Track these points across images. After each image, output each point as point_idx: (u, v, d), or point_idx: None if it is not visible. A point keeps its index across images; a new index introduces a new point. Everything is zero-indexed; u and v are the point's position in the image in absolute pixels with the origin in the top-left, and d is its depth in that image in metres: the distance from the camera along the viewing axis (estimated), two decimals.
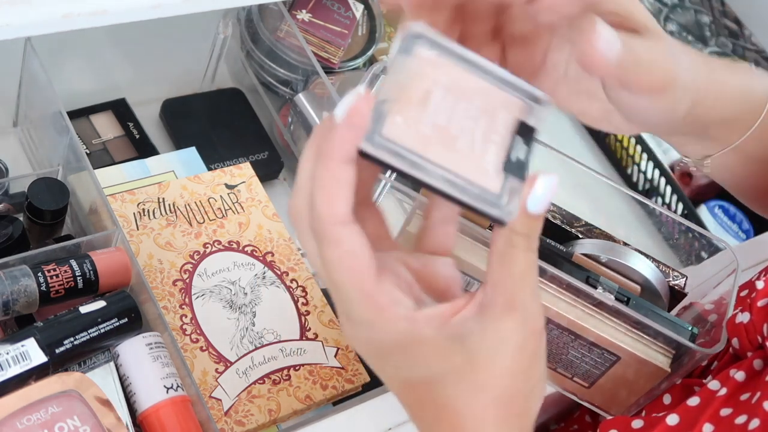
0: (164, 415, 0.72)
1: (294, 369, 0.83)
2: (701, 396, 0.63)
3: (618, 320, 0.66)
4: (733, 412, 0.60)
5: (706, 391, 0.63)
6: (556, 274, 0.64)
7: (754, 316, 0.64)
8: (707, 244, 0.76)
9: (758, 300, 0.64)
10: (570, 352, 0.67)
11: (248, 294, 0.85)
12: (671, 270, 0.72)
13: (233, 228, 0.88)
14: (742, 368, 0.63)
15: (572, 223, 0.72)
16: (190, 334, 0.81)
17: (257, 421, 0.79)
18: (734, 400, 0.61)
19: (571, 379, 0.70)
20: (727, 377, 0.63)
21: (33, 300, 0.72)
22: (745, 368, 0.62)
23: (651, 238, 1.11)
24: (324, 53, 1.01)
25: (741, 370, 0.62)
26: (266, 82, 1.03)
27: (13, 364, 0.67)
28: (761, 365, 0.63)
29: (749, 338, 0.64)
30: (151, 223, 0.85)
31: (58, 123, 0.82)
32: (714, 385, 0.63)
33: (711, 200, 1.22)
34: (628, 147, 1.21)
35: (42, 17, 0.74)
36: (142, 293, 0.77)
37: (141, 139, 0.98)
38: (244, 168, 0.93)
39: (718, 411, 0.61)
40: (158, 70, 1.03)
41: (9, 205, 0.82)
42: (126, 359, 0.73)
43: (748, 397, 0.60)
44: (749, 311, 0.65)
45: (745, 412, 0.59)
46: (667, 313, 0.68)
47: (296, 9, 1.01)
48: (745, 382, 0.62)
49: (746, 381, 0.62)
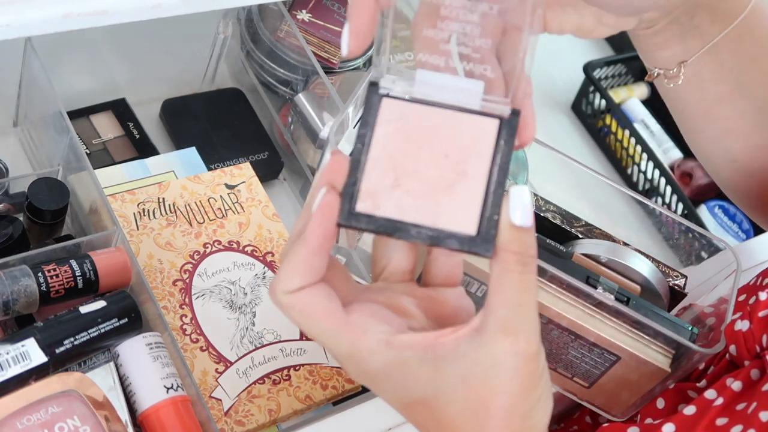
0: (164, 415, 0.72)
1: (294, 369, 0.83)
2: (697, 405, 0.63)
3: (618, 320, 0.66)
4: (728, 421, 0.60)
5: (703, 401, 0.63)
6: (556, 274, 0.64)
7: (754, 325, 0.64)
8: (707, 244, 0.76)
9: (759, 310, 0.64)
10: (570, 352, 0.67)
11: (248, 294, 0.85)
12: (671, 270, 0.72)
13: (233, 228, 0.88)
14: (739, 377, 0.62)
15: (572, 223, 0.72)
16: (190, 334, 0.81)
17: (257, 421, 0.79)
18: (730, 410, 0.61)
19: (571, 379, 0.70)
20: (724, 386, 0.63)
21: (33, 300, 0.72)
22: (742, 378, 0.62)
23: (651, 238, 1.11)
24: (324, 53, 1.01)
25: (738, 379, 0.62)
26: (266, 82, 1.03)
27: (13, 364, 0.67)
28: (758, 375, 0.62)
29: (747, 347, 0.64)
30: (151, 223, 0.85)
31: (58, 123, 0.82)
32: (710, 394, 0.63)
33: (711, 200, 1.22)
34: (628, 147, 1.21)
35: (42, 17, 0.74)
36: (142, 293, 0.77)
37: (141, 139, 0.98)
38: (244, 168, 0.93)
39: (714, 420, 0.61)
40: (158, 70, 1.03)
41: (9, 205, 0.82)
42: (126, 359, 0.73)
43: (744, 407, 0.60)
44: (749, 319, 0.65)
45: (741, 422, 0.59)
46: (667, 313, 0.68)
47: (296, 9, 1.01)
48: (741, 392, 0.62)
49: (743, 391, 0.62)
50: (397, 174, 0.46)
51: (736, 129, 0.71)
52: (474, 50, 0.49)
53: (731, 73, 0.68)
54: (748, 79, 0.69)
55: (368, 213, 0.46)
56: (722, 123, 0.72)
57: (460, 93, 0.48)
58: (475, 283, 0.64)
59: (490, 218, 0.46)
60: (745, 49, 0.67)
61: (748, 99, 0.70)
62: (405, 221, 0.46)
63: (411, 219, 0.46)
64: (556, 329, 0.66)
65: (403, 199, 0.46)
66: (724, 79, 0.69)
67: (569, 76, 1.31)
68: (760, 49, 0.68)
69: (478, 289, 0.64)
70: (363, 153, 0.47)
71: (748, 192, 0.76)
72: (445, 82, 0.49)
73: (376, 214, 0.46)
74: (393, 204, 0.46)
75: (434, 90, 0.48)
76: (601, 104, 1.25)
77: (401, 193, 0.46)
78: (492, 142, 0.47)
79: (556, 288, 0.66)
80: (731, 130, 0.72)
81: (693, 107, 0.72)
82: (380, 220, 0.46)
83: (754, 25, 0.67)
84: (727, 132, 0.72)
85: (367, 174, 0.46)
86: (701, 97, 0.71)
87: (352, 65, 1.04)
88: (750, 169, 0.74)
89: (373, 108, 0.48)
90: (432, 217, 0.46)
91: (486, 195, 0.46)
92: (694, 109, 0.72)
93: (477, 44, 0.49)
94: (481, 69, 0.49)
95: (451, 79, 0.49)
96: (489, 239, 0.45)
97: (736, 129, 0.71)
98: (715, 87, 0.69)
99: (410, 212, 0.46)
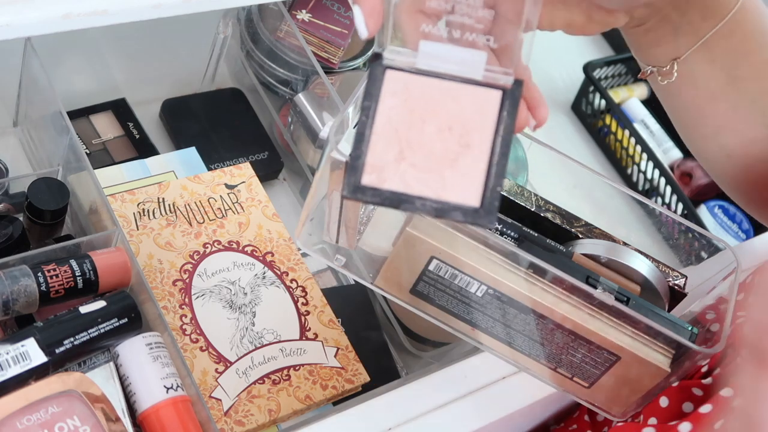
0: (164, 415, 0.72)
1: (294, 369, 0.83)
2: (714, 403, 0.62)
3: (618, 320, 0.66)
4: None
5: (719, 399, 0.63)
6: (557, 274, 0.64)
7: None
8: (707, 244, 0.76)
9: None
10: (570, 352, 0.67)
11: (248, 294, 0.85)
12: (671, 270, 0.72)
13: (233, 228, 0.88)
14: None
15: (572, 223, 0.72)
16: (190, 334, 0.81)
17: (257, 421, 0.79)
18: None
19: (571, 379, 0.70)
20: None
21: (33, 300, 0.72)
22: None
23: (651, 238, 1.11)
24: (324, 53, 1.01)
25: None
26: (266, 82, 1.02)
27: (13, 364, 0.67)
28: None
29: None
30: (151, 223, 0.85)
31: (58, 123, 0.82)
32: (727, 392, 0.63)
33: (711, 200, 1.22)
34: (628, 147, 1.21)
35: (42, 17, 0.74)
36: (142, 293, 0.77)
37: (141, 139, 0.98)
38: (244, 168, 0.93)
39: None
40: (158, 70, 1.03)
41: (9, 205, 0.82)
42: (126, 359, 0.73)
43: None
44: None
45: None
46: (667, 313, 0.68)
47: (296, 9, 1.01)
48: None
49: None
50: (402, 147, 0.46)
51: (729, 124, 0.72)
52: (477, 20, 0.49)
53: (723, 68, 0.69)
54: (741, 74, 0.69)
55: (373, 186, 0.46)
56: (716, 119, 0.72)
57: (463, 64, 0.48)
58: (475, 283, 0.64)
59: (493, 189, 0.45)
60: (736, 44, 0.68)
61: (741, 94, 0.70)
62: (410, 194, 0.46)
63: (416, 192, 0.46)
64: (556, 329, 0.66)
65: (408, 172, 0.46)
66: (716, 75, 0.69)
67: (569, 76, 1.31)
68: (752, 44, 0.68)
69: (478, 289, 0.64)
70: (367, 126, 0.47)
71: (744, 187, 0.76)
72: (448, 53, 0.48)
73: (381, 187, 0.46)
74: (398, 177, 0.46)
75: (437, 61, 0.48)
76: (601, 104, 1.25)
77: (406, 166, 0.46)
78: (495, 114, 0.47)
79: (556, 288, 0.66)
80: (725, 126, 0.72)
81: (687, 104, 0.72)
82: (385, 193, 0.46)
83: (745, 20, 0.67)
84: (721, 127, 0.72)
85: (372, 147, 0.46)
86: (695, 94, 0.71)
87: (352, 65, 1.04)
88: (745, 163, 0.74)
89: (377, 80, 0.48)
90: (436, 190, 0.46)
91: (489, 166, 0.46)
92: (688, 106, 0.73)
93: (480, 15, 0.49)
94: (483, 40, 0.49)
95: (454, 50, 0.49)
96: (492, 211, 0.45)
97: (730, 124, 0.72)
98: (708, 83, 0.70)
99: (415, 185, 0.46)
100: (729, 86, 0.69)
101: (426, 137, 0.46)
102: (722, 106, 0.71)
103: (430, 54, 0.48)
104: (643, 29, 0.65)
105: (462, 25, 0.50)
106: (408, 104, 0.47)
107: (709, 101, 0.71)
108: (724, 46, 0.67)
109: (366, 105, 0.47)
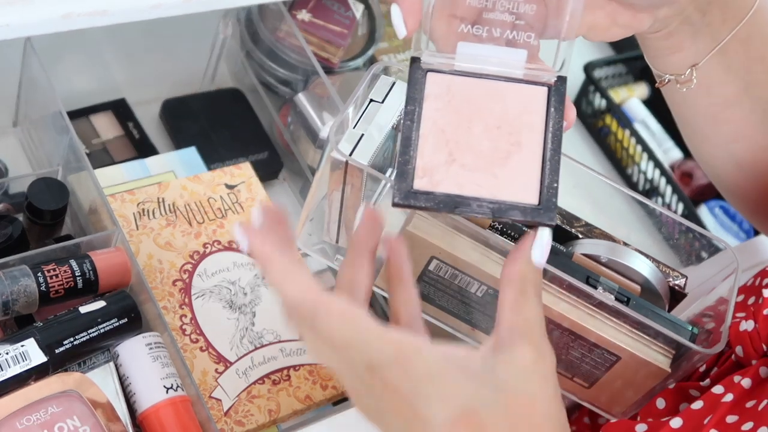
0: (164, 415, 0.72)
1: (294, 369, 0.83)
2: (705, 400, 0.62)
3: (618, 320, 0.66)
4: (739, 419, 0.60)
5: (711, 396, 0.63)
6: (557, 274, 0.64)
7: (759, 324, 0.64)
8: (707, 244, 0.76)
9: (765, 308, 0.64)
10: (570, 352, 0.67)
11: (248, 294, 0.85)
12: (671, 270, 0.72)
13: (233, 228, 0.88)
14: (748, 375, 0.62)
15: (572, 223, 0.72)
16: (190, 334, 0.81)
17: (257, 421, 0.79)
18: (740, 407, 0.61)
19: (571, 379, 0.70)
20: (732, 383, 0.62)
21: (33, 300, 0.72)
22: (750, 375, 0.62)
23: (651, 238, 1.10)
24: (324, 53, 1.01)
25: (746, 377, 0.62)
26: (266, 82, 1.02)
27: (13, 364, 0.67)
28: (767, 372, 0.62)
29: (754, 346, 0.64)
30: (150, 223, 0.85)
31: (58, 123, 0.82)
32: (718, 389, 0.63)
33: (711, 200, 1.22)
34: (628, 147, 1.21)
35: (42, 17, 0.74)
36: (142, 293, 0.77)
37: (141, 139, 0.98)
38: (243, 168, 0.93)
39: (724, 418, 0.60)
40: (158, 70, 1.03)
41: (9, 205, 0.82)
42: (126, 359, 0.73)
43: (754, 404, 0.60)
44: (754, 319, 0.64)
45: (752, 419, 0.59)
46: (667, 314, 0.68)
47: (296, 9, 1.01)
48: (750, 389, 0.62)
49: (752, 388, 0.62)
50: (450, 148, 0.45)
51: (742, 132, 0.71)
52: (518, 17, 0.48)
53: (738, 74, 0.68)
54: (755, 80, 0.69)
55: (426, 190, 0.45)
56: (729, 126, 0.71)
57: (502, 63, 0.48)
58: (475, 283, 0.64)
59: (549, 186, 0.45)
60: (753, 49, 0.67)
61: (755, 100, 0.70)
62: (465, 195, 0.44)
63: (470, 193, 0.44)
64: (556, 330, 0.66)
65: (460, 174, 0.45)
66: (732, 80, 0.68)
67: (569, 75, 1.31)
68: (766, 48, 0.68)
69: (478, 289, 0.64)
70: (413, 129, 0.46)
71: (751, 196, 0.76)
72: (487, 53, 0.48)
73: (435, 191, 0.45)
74: (450, 179, 0.45)
75: (477, 61, 0.48)
76: (601, 104, 1.25)
77: (457, 167, 0.45)
78: (542, 110, 0.47)
79: (556, 288, 0.65)
80: (737, 133, 0.72)
81: (701, 112, 0.72)
82: (440, 196, 0.44)
83: (760, 24, 0.67)
84: (734, 135, 0.72)
85: (420, 151, 0.45)
86: (710, 101, 0.70)
87: (352, 65, 1.04)
88: (754, 172, 0.73)
89: (419, 83, 0.47)
90: (491, 190, 0.45)
91: (543, 163, 0.45)
92: (702, 114, 0.72)
93: (521, 11, 0.48)
94: (524, 37, 0.49)
95: (493, 49, 0.48)
96: (551, 207, 0.45)
97: (743, 132, 0.71)
98: (723, 90, 0.69)
99: (469, 186, 0.45)
100: (743, 93, 0.69)
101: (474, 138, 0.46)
102: (736, 113, 0.70)
103: (468, 55, 0.48)
104: (664, 34, 0.64)
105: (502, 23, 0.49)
106: (453, 105, 0.46)
107: (723, 108, 0.70)
108: (741, 50, 0.67)
109: (410, 109, 0.46)
